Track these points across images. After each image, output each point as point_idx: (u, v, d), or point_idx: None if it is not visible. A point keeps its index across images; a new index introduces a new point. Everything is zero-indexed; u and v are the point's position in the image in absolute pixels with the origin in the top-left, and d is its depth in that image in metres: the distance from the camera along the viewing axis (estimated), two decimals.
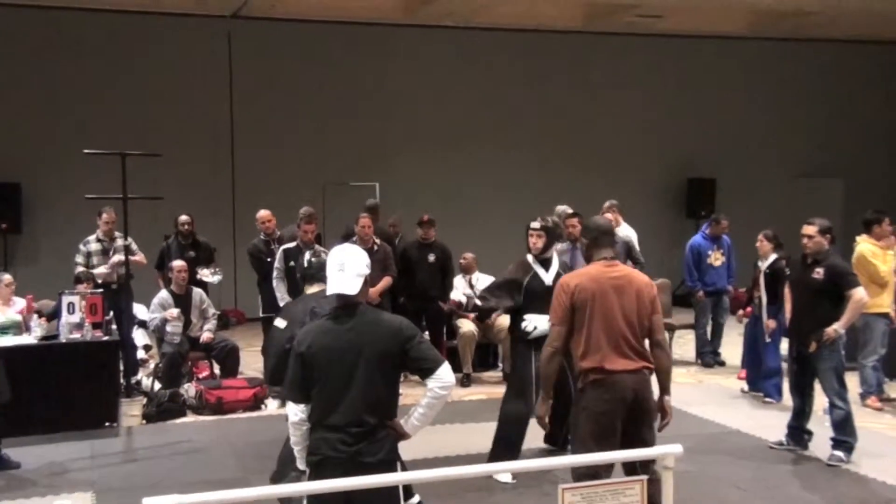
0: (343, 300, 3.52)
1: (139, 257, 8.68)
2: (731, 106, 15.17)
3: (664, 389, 4.36)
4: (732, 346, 9.47)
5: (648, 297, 4.31)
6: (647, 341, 4.38)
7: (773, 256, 8.00)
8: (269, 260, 8.46)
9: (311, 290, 4.91)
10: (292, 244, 8.13)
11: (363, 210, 9.00)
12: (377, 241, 8.51)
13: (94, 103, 12.30)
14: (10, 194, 11.78)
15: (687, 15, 13.57)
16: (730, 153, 15.06)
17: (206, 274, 8.92)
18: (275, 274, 8.06)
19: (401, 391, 3.67)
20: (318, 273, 4.73)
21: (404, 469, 3.62)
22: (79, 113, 12.20)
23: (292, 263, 7.97)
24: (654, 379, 4.38)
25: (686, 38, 14.72)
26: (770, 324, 7.88)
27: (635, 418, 4.24)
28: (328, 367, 3.44)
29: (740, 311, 8.59)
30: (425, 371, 3.45)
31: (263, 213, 8.82)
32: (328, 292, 3.61)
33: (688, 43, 14.83)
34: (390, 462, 3.45)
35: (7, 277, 7.91)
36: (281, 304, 8.01)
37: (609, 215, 8.92)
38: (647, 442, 4.20)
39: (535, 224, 6.13)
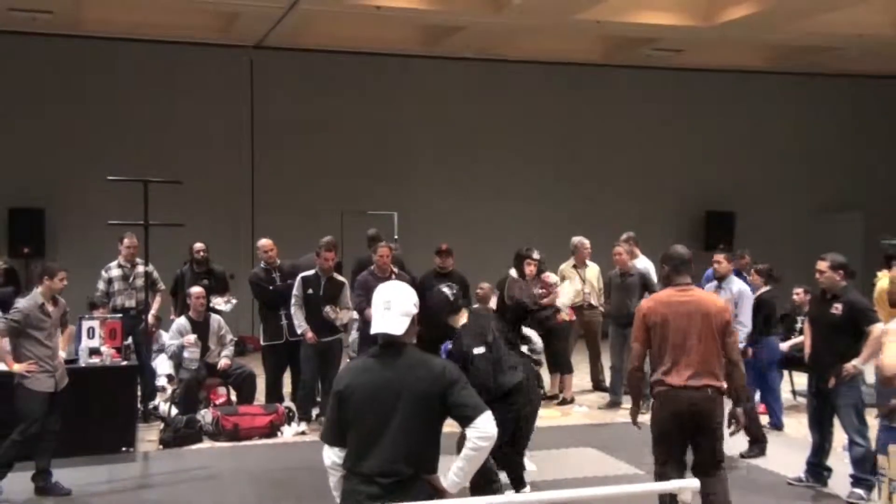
0: (387, 339, 3.29)
1: (157, 304, 8.69)
2: (750, 139, 15.16)
3: (736, 401, 4.88)
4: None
5: (719, 321, 4.73)
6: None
7: (764, 288, 8.13)
8: (269, 288, 8.53)
9: (461, 319, 5.48)
10: (311, 272, 8.16)
11: (367, 242, 9.08)
12: (395, 269, 8.55)
13: (117, 130, 12.50)
14: (33, 220, 11.96)
15: (705, 49, 13.64)
16: (748, 186, 15.03)
17: (219, 302, 8.95)
18: (293, 301, 8.08)
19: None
20: (459, 302, 5.52)
21: None
22: (102, 140, 12.39)
23: (310, 291, 8.02)
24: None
25: (705, 71, 14.77)
26: (747, 351, 8.00)
27: (698, 431, 4.77)
28: (364, 408, 3.21)
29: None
30: (464, 420, 3.17)
31: (265, 242, 8.81)
32: (372, 331, 3.35)
33: (707, 76, 14.87)
34: None
35: None
36: (299, 332, 8.06)
37: (623, 247, 8.95)
38: (714, 450, 4.78)
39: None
